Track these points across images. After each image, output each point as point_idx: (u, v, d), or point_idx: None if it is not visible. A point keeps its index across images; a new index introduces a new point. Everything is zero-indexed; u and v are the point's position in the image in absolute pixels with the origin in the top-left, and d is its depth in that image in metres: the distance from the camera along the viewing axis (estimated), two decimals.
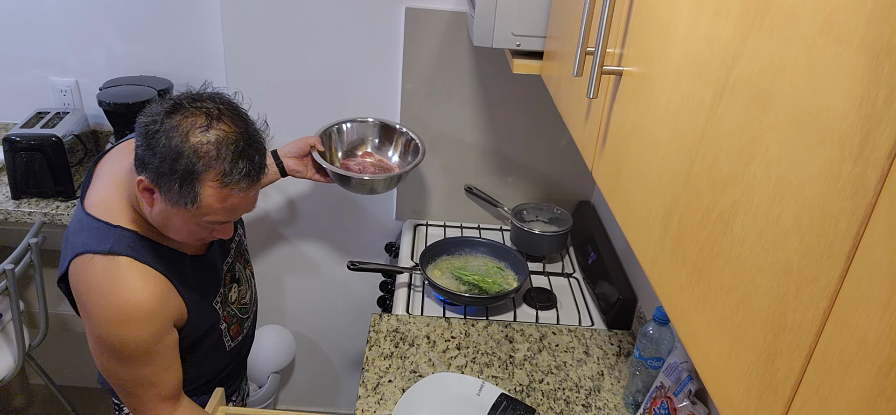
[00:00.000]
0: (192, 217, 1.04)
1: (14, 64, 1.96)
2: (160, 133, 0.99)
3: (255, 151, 1.05)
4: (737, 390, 0.55)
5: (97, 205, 1.12)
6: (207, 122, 1.00)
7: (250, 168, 1.03)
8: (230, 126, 1.02)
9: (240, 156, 1.01)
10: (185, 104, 1.02)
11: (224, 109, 1.03)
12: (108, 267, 1.06)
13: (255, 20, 1.81)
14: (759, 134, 0.53)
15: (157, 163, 0.99)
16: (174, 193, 1.00)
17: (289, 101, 1.93)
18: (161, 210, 1.05)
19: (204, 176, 1.00)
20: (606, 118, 0.94)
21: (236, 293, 1.32)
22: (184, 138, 0.98)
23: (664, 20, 0.74)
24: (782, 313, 0.49)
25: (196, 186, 1.00)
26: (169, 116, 1.00)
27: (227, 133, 1.01)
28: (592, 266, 1.78)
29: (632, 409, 1.40)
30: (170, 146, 0.98)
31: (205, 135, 0.99)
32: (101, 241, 1.08)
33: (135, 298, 1.06)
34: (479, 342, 1.57)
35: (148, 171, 1.01)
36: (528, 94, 1.88)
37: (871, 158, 0.40)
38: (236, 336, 1.34)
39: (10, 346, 1.86)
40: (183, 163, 0.98)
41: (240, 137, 1.02)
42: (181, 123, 0.99)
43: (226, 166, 1.00)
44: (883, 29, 0.40)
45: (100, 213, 1.11)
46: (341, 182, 1.59)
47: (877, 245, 0.40)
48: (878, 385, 0.39)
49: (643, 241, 0.77)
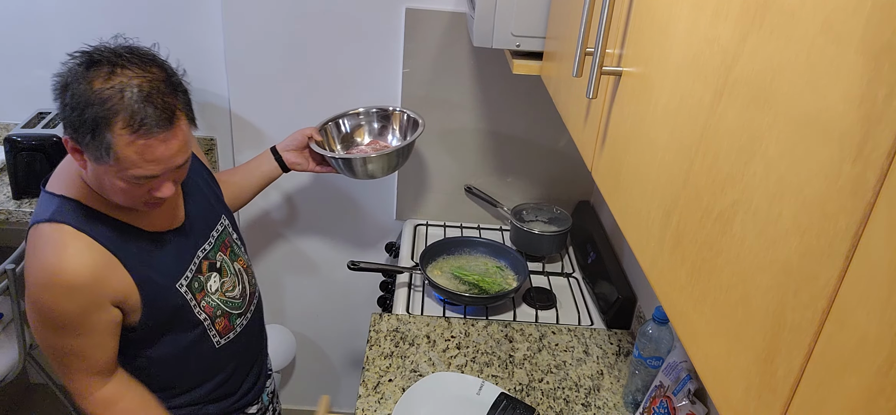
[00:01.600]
0: (117, 173, 1.01)
1: (15, 64, 1.96)
2: (69, 84, 0.97)
3: (166, 93, 1.00)
4: (736, 389, 0.55)
5: (51, 180, 1.12)
6: (110, 68, 0.97)
7: (161, 112, 0.99)
8: (138, 71, 0.98)
9: (146, 99, 0.97)
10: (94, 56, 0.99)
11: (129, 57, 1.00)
12: (50, 234, 1.05)
13: (255, 21, 1.81)
14: (758, 134, 0.53)
15: (69, 114, 0.97)
16: (91, 148, 0.98)
17: (289, 102, 1.93)
18: (92, 170, 1.03)
19: (112, 123, 0.96)
20: (606, 118, 0.94)
21: (217, 283, 1.26)
22: (89, 85, 0.96)
23: (664, 20, 0.74)
24: (782, 313, 0.49)
25: (107, 136, 0.96)
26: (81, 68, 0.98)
27: (132, 78, 0.97)
28: (592, 266, 1.78)
29: (631, 408, 1.41)
30: (77, 95, 0.96)
31: (108, 80, 0.96)
32: (44, 209, 1.07)
33: (65, 267, 1.04)
34: (478, 342, 1.57)
35: (64, 126, 0.99)
36: (528, 94, 1.88)
37: (871, 158, 0.40)
38: (225, 332, 1.29)
39: (11, 345, 1.86)
40: (90, 112, 0.95)
41: (146, 82, 0.98)
42: (86, 73, 0.97)
43: (133, 109, 0.96)
44: (883, 29, 0.40)
45: (51, 186, 1.11)
46: (343, 168, 1.56)
47: (876, 244, 0.40)
48: (877, 384, 0.39)
49: (642, 240, 0.77)
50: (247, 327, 1.36)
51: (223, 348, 1.30)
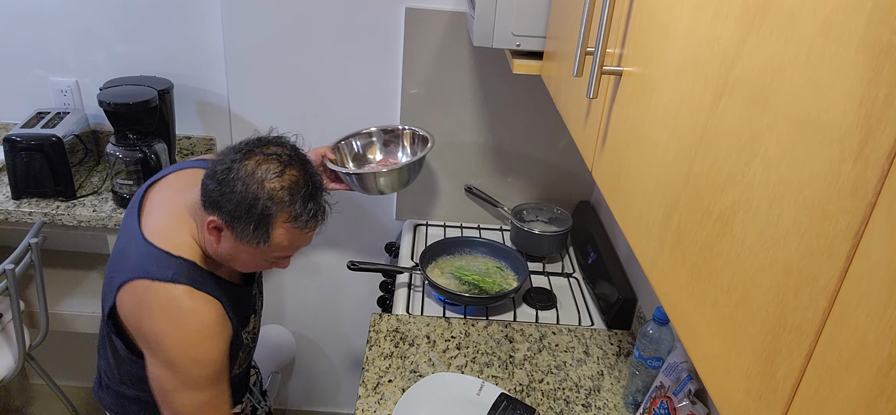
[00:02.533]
0: (260, 253, 1.12)
1: (14, 64, 1.96)
2: (236, 179, 1.06)
3: (320, 193, 1.14)
4: (736, 389, 0.55)
5: (158, 234, 1.15)
6: (280, 168, 1.08)
7: (317, 210, 1.13)
8: (299, 171, 1.10)
9: (310, 199, 1.10)
10: (256, 150, 1.09)
11: (292, 155, 1.11)
12: (170, 295, 1.10)
13: (255, 20, 1.81)
14: (758, 134, 0.53)
15: (233, 207, 1.06)
16: (249, 234, 1.08)
17: (289, 101, 1.93)
18: (230, 246, 1.11)
19: (278, 219, 1.08)
20: (606, 118, 0.94)
21: (253, 323, 1.34)
22: (260, 185, 1.06)
23: (664, 20, 0.74)
24: (782, 313, 0.49)
25: (270, 228, 1.08)
26: (243, 163, 1.07)
27: (297, 178, 1.09)
28: (592, 266, 1.78)
29: (631, 408, 1.41)
30: (246, 192, 1.06)
31: (278, 181, 1.07)
32: (162, 268, 1.11)
33: (204, 319, 1.11)
34: (479, 342, 1.57)
35: (221, 213, 1.08)
36: (528, 94, 1.88)
37: (871, 158, 0.40)
38: (242, 364, 1.37)
39: (10, 346, 1.86)
40: (259, 207, 1.06)
41: (308, 181, 1.11)
42: (256, 170, 1.07)
43: (298, 209, 1.08)
44: (883, 29, 0.40)
45: (161, 242, 1.14)
46: (357, 184, 1.58)
47: (876, 245, 0.40)
48: (878, 385, 0.39)
49: (643, 241, 0.77)
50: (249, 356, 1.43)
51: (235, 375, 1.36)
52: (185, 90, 1.96)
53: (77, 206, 1.81)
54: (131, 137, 1.77)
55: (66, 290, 2.09)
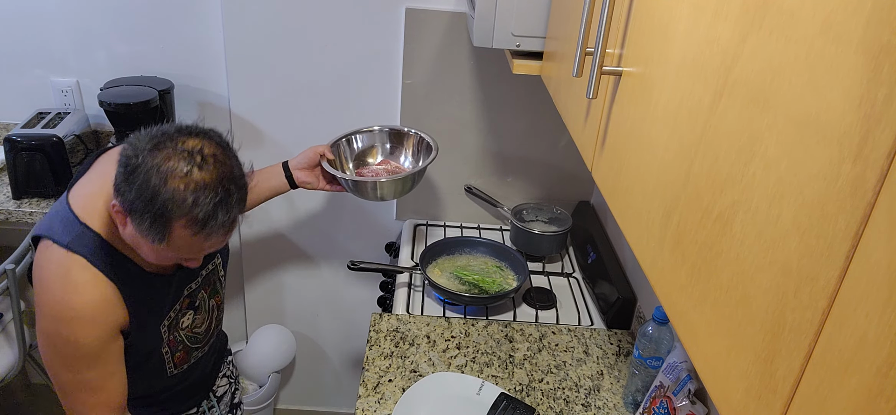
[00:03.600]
0: (160, 249, 1.03)
1: (15, 64, 1.96)
2: (140, 169, 0.96)
3: (234, 201, 1.02)
4: (736, 389, 0.55)
5: (78, 198, 1.11)
6: (188, 167, 0.97)
7: (225, 220, 1.01)
8: (212, 173, 0.98)
9: (217, 206, 0.98)
10: (169, 142, 0.98)
11: (209, 154, 0.99)
12: (61, 262, 1.05)
13: (255, 20, 1.81)
14: (758, 134, 0.53)
15: (133, 196, 0.97)
16: (145, 228, 0.98)
17: (289, 101, 1.93)
18: (131, 234, 1.03)
19: (176, 221, 0.98)
20: (606, 118, 0.94)
21: (190, 320, 1.27)
22: (163, 181, 0.96)
23: (664, 21, 0.74)
24: (781, 313, 0.49)
25: (167, 228, 0.98)
26: (152, 152, 0.97)
27: (208, 181, 0.97)
28: (592, 266, 1.78)
29: (631, 408, 1.41)
30: (148, 184, 0.96)
31: (184, 180, 0.96)
32: (65, 232, 1.07)
33: (81, 300, 1.04)
34: (478, 342, 1.57)
35: (122, 199, 0.99)
36: (528, 94, 1.88)
37: (871, 158, 0.40)
38: (180, 363, 1.29)
39: (11, 345, 1.86)
40: (157, 204, 0.96)
41: (220, 186, 0.99)
42: (162, 163, 0.96)
43: (200, 214, 0.97)
44: (882, 29, 0.40)
45: (76, 206, 1.10)
46: (354, 189, 1.54)
47: (876, 245, 0.40)
48: (877, 385, 0.39)
49: (643, 241, 0.77)
50: (202, 359, 1.37)
51: (174, 375, 1.30)
52: (185, 90, 1.96)
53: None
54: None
55: None
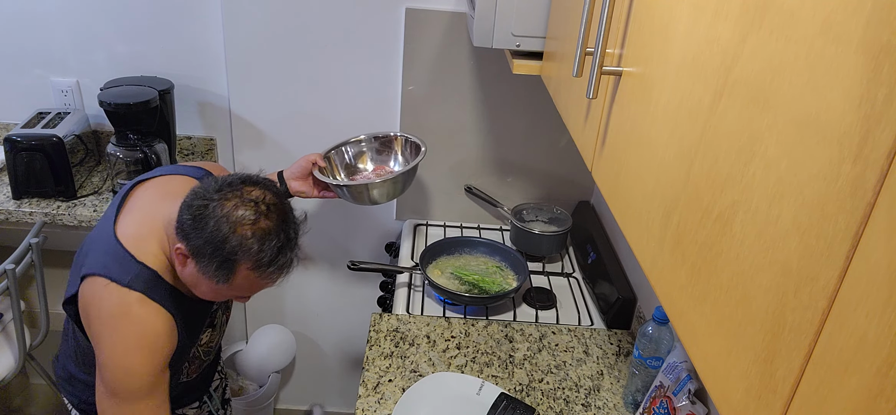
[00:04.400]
0: (219, 289, 1.11)
1: (15, 64, 1.96)
2: (209, 216, 1.05)
3: (291, 248, 1.12)
4: (736, 389, 0.55)
5: (128, 236, 1.15)
6: (255, 216, 1.06)
7: (284, 264, 1.11)
8: (275, 222, 1.08)
9: (278, 252, 1.08)
10: (235, 191, 1.07)
11: (271, 202, 1.09)
12: (122, 299, 1.10)
13: (255, 20, 1.82)
14: (758, 134, 0.53)
15: (201, 243, 1.05)
16: (210, 271, 1.07)
17: (289, 102, 1.93)
18: (192, 274, 1.10)
19: (242, 264, 1.06)
20: (606, 118, 0.94)
21: (208, 337, 1.34)
22: (231, 229, 1.04)
23: (664, 21, 0.74)
24: (781, 313, 0.49)
25: (232, 271, 1.07)
26: (220, 202, 1.06)
27: (271, 229, 1.07)
28: (592, 266, 1.78)
29: (631, 408, 1.41)
30: (218, 232, 1.04)
31: (250, 228, 1.05)
32: (123, 271, 1.11)
33: (148, 330, 1.10)
34: (478, 342, 1.57)
35: (189, 244, 1.07)
36: (528, 94, 1.88)
37: (871, 158, 0.40)
38: (192, 374, 1.37)
39: (10, 345, 1.86)
40: (226, 250, 1.04)
41: (281, 232, 1.08)
42: (231, 213, 1.05)
43: (264, 259, 1.07)
44: (882, 29, 0.40)
45: (129, 245, 1.14)
46: (346, 195, 1.56)
47: (876, 245, 0.40)
48: (877, 385, 0.39)
49: (643, 240, 0.77)
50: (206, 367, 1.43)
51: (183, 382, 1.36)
52: (185, 90, 1.96)
53: (78, 206, 1.81)
54: (132, 137, 1.77)
55: None
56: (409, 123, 1.92)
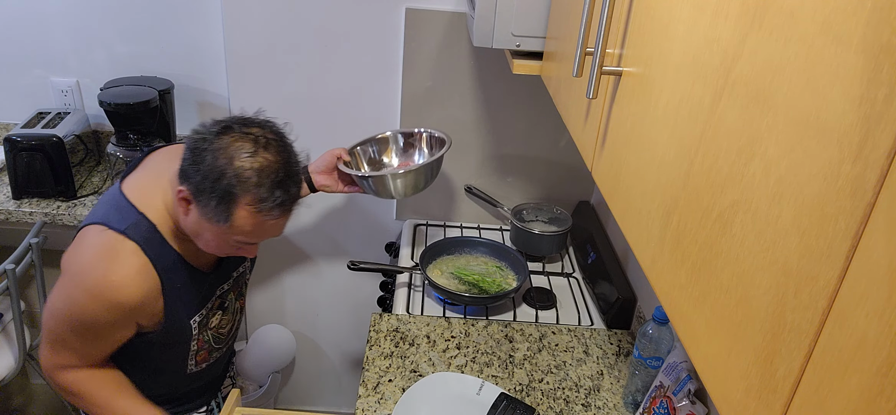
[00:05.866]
0: (222, 233, 1.08)
1: (15, 64, 1.96)
2: (207, 151, 1.03)
3: (292, 182, 1.09)
4: (736, 389, 0.55)
5: (133, 188, 1.15)
6: (253, 148, 1.04)
7: (285, 198, 1.07)
8: (274, 156, 1.05)
9: (278, 185, 1.05)
10: (235, 127, 1.05)
11: (271, 137, 1.07)
12: (113, 244, 1.08)
13: (255, 20, 1.81)
14: (758, 134, 0.53)
15: (199, 178, 1.03)
16: (210, 209, 1.04)
17: (289, 101, 1.93)
18: (195, 221, 1.08)
19: (241, 199, 1.03)
20: (606, 118, 0.94)
21: (218, 320, 1.31)
22: (228, 160, 1.02)
23: (664, 20, 0.74)
24: (781, 313, 0.49)
25: (231, 207, 1.04)
26: (218, 136, 1.04)
27: (270, 162, 1.04)
28: (592, 266, 1.78)
29: (631, 408, 1.41)
30: (214, 165, 1.02)
31: (249, 160, 1.03)
32: (121, 219, 1.10)
33: (119, 283, 1.07)
34: (478, 342, 1.57)
35: (189, 183, 1.05)
36: (528, 94, 1.88)
37: (871, 158, 0.40)
38: (201, 363, 1.33)
39: (10, 346, 1.86)
40: (223, 183, 1.02)
41: (281, 168, 1.06)
42: (229, 145, 1.03)
43: (263, 193, 1.04)
44: (882, 29, 0.40)
45: (131, 195, 1.13)
46: (371, 187, 1.55)
47: (876, 245, 0.40)
48: (877, 385, 0.39)
49: (643, 240, 0.77)
50: (218, 359, 1.40)
51: (192, 374, 1.34)
52: (185, 90, 1.96)
53: (78, 206, 1.81)
54: (132, 137, 1.77)
55: None
56: (409, 122, 1.92)
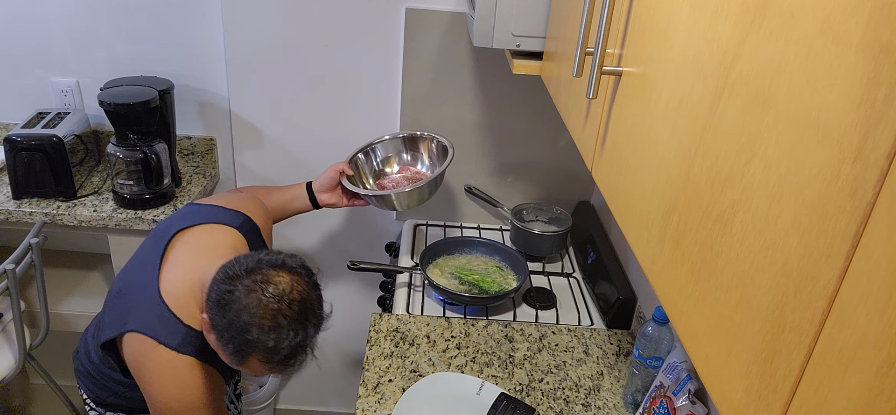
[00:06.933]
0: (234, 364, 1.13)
1: (15, 64, 1.96)
2: (234, 302, 1.05)
3: (308, 345, 1.11)
4: (736, 389, 0.55)
5: (172, 294, 1.18)
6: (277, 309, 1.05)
7: (296, 363, 1.11)
8: (297, 317, 1.07)
9: (294, 351, 1.08)
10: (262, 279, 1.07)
11: (295, 300, 1.08)
12: (173, 363, 1.14)
13: (255, 20, 1.81)
14: (758, 134, 0.53)
15: (224, 326, 1.06)
16: (227, 351, 1.08)
17: (289, 101, 1.93)
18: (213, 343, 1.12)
19: (255, 355, 1.07)
20: (606, 118, 0.94)
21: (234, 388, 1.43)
22: (252, 319, 1.04)
23: (664, 20, 0.74)
24: (781, 313, 0.49)
25: (245, 358, 1.08)
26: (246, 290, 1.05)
27: (292, 327, 1.07)
28: (592, 266, 1.78)
29: (631, 408, 1.41)
30: (238, 321, 1.05)
31: (271, 323, 1.05)
32: (170, 335, 1.15)
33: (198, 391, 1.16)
34: (478, 342, 1.57)
35: (212, 321, 1.08)
36: (528, 94, 1.88)
37: (871, 158, 0.40)
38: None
39: (10, 346, 1.86)
40: (241, 340, 1.05)
41: (300, 332, 1.08)
42: (254, 306, 1.05)
43: (278, 356, 1.07)
44: (882, 29, 0.40)
45: (173, 304, 1.17)
46: (376, 203, 1.57)
47: (876, 245, 0.40)
48: (877, 385, 0.39)
49: (643, 240, 0.77)
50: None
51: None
52: (185, 90, 1.96)
53: (78, 206, 1.81)
54: (132, 137, 1.77)
55: (67, 290, 2.09)
56: (409, 123, 1.92)
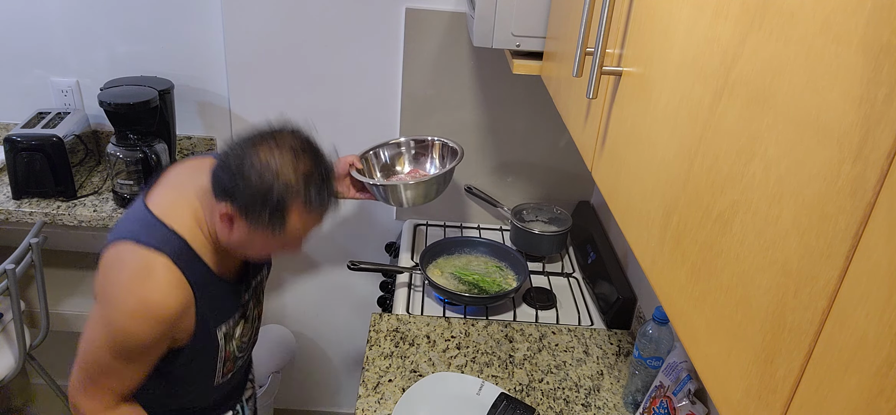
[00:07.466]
0: (274, 238, 1.12)
1: (15, 64, 1.96)
2: (250, 169, 1.07)
3: (332, 180, 1.16)
4: (736, 389, 0.55)
5: (159, 204, 1.15)
6: (294, 158, 1.09)
7: (329, 196, 1.15)
8: (312, 159, 1.12)
9: (322, 187, 1.12)
10: (267, 140, 1.10)
11: (304, 145, 1.12)
12: (146, 260, 1.09)
13: (255, 20, 1.81)
14: (758, 134, 0.53)
15: (248, 197, 1.07)
16: (264, 222, 1.09)
17: (289, 102, 1.93)
18: (242, 234, 1.12)
19: (292, 207, 1.09)
20: (606, 118, 0.94)
21: (240, 329, 1.32)
22: (275, 176, 1.07)
23: (664, 20, 0.74)
24: (781, 313, 0.49)
25: (285, 215, 1.09)
26: (256, 153, 1.08)
27: (311, 168, 1.11)
28: (592, 266, 1.78)
29: (631, 408, 1.41)
30: (262, 182, 1.07)
31: (292, 170, 1.08)
32: (150, 235, 1.11)
33: (159, 299, 1.08)
34: (478, 342, 1.57)
35: (236, 202, 1.08)
36: (528, 94, 1.88)
37: (871, 158, 0.40)
38: (227, 374, 1.33)
39: (10, 346, 1.86)
40: (274, 197, 1.07)
41: (320, 170, 1.12)
42: (270, 161, 1.08)
43: (312, 196, 1.10)
44: (882, 29, 0.40)
45: (159, 211, 1.14)
46: (383, 195, 1.58)
47: (876, 245, 0.40)
48: (877, 385, 0.39)
49: (643, 240, 0.77)
50: (240, 367, 1.40)
51: (218, 386, 1.33)
52: (185, 90, 1.96)
53: (78, 206, 1.81)
54: (132, 137, 1.77)
55: (67, 290, 2.09)
56: (409, 123, 1.92)
